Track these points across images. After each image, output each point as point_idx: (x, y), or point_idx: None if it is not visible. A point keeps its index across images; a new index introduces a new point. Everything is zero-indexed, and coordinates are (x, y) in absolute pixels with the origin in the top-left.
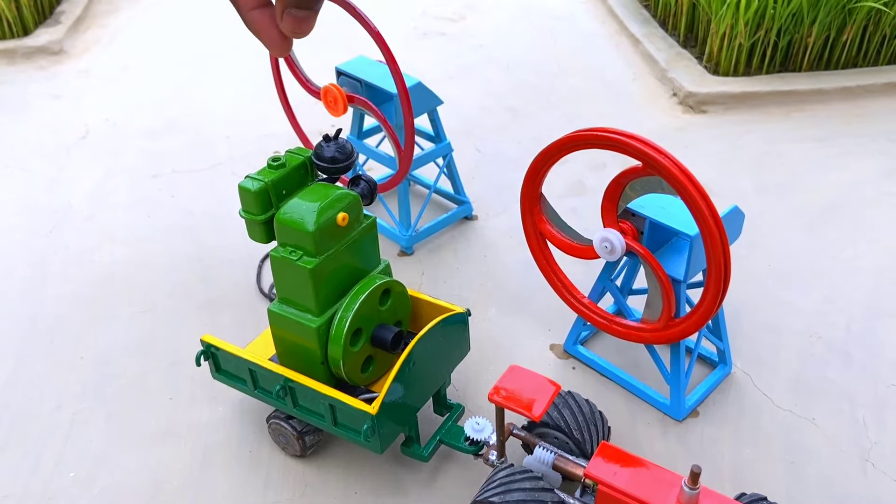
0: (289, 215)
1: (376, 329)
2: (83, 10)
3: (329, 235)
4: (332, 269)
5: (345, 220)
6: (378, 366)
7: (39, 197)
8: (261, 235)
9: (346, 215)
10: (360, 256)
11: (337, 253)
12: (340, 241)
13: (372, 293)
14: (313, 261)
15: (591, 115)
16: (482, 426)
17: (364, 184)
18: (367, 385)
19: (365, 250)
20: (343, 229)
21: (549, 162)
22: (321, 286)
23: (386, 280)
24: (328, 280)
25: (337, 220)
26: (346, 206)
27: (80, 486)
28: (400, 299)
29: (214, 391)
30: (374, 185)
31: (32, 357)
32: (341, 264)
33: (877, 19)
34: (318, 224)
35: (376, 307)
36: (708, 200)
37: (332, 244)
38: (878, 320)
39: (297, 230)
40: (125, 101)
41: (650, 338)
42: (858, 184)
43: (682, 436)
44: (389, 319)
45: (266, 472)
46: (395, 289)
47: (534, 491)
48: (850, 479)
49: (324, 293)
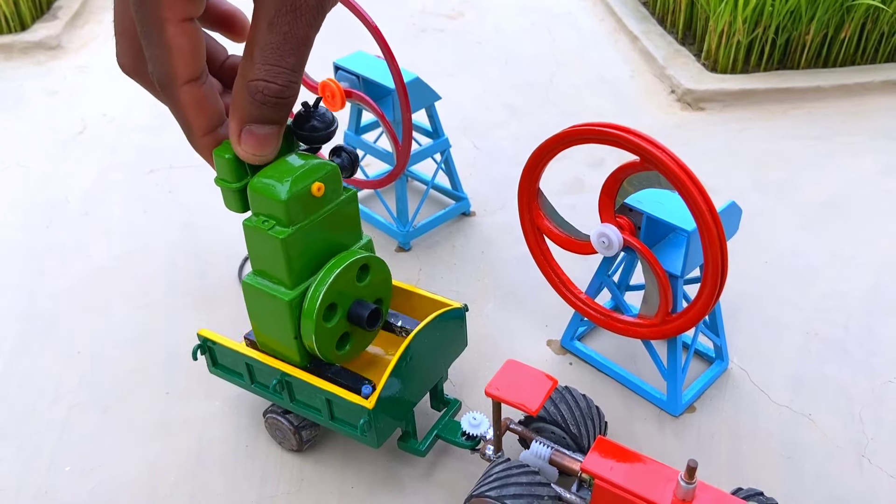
0: (262, 183)
1: (353, 305)
2: (81, 5)
3: (303, 205)
4: (306, 240)
5: (320, 191)
6: (355, 344)
7: (36, 192)
8: (236, 204)
9: (322, 185)
10: (339, 230)
11: (312, 224)
12: (316, 213)
13: (348, 267)
14: (286, 231)
15: (589, 112)
16: (479, 421)
17: (345, 155)
18: (343, 364)
19: (344, 224)
20: (319, 200)
21: (546, 157)
22: (294, 258)
23: (364, 255)
24: (302, 252)
25: (312, 189)
26: (323, 176)
27: (76, 479)
28: (380, 277)
29: (211, 385)
30: (356, 157)
31: (29, 351)
32: (317, 237)
33: (875, 17)
34: (292, 192)
35: (353, 283)
36: (705, 195)
37: (307, 215)
38: (876, 317)
39: (269, 198)
40: (122, 96)
41: (647, 333)
42: (856, 181)
43: (678, 431)
44: (369, 297)
45: (263, 467)
46: (375, 265)
47: (530, 485)
48: (847, 474)
49: (297, 265)
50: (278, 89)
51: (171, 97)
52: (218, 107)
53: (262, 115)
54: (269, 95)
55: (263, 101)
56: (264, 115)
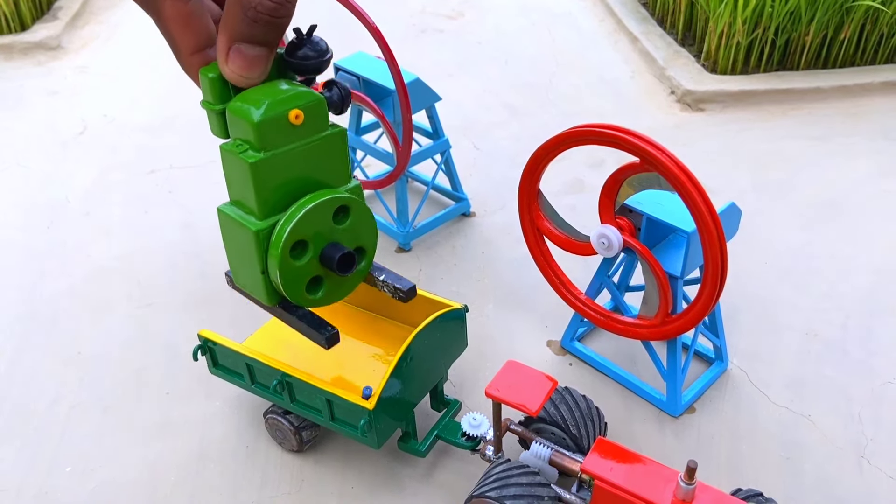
0: (238, 105)
1: (326, 247)
2: (81, 5)
3: (278, 132)
4: (281, 170)
5: (298, 119)
6: (329, 290)
7: (36, 193)
8: (219, 129)
9: (301, 113)
10: (322, 168)
11: (289, 155)
12: (294, 143)
13: (322, 205)
14: (257, 156)
15: (588, 113)
16: (479, 422)
17: (336, 90)
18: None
19: (328, 162)
20: (298, 129)
21: (546, 158)
22: (264, 186)
23: (343, 196)
24: (276, 183)
25: (289, 116)
26: (304, 104)
27: (77, 480)
28: (363, 222)
29: (211, 386)
30: (348, 94)
31: (30, 352)
32: (295, 170)
33: (874, 18)
34: (266, 116)
35: (329, 223)
36: (705, 197)
37: (283, 143)
38: (875, 317)
39: (243, 120)
40: (123, 96)
41: (647, 334)
42: (856, 182)
43: (678, 432)
44: (349, 242)
45: (263, 467)
46: (357, 209)
47: (530, 486)
48: (846, 475)
49: (268, 195)
50: (273, 7)
51: (156, 11)
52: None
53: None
54: (261, 13)
55: (255, 17)
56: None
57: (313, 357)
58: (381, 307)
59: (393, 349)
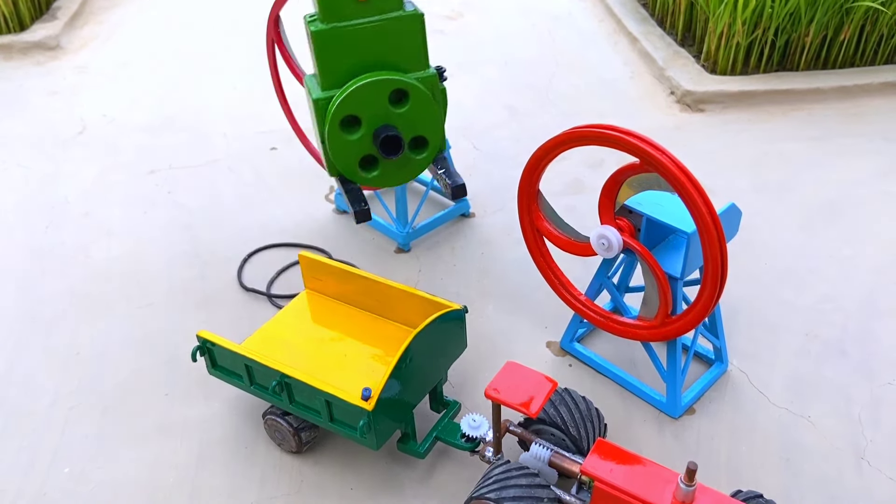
0: None
1: (380, 127)
2: (80, 5)
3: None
4: (344, 46)
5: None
6: (384, 172)
7: (36, 193)
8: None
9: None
10: (390, 50)
11: (353, 31)
12: (359, 19)
13: (375, 84)
14: (320, 26)
15: (588, 113)
16: (479, 423)
17: None
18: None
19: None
20: (363, 6)
21: (546, 159)
22: (326, 57)
23: (399, 78)
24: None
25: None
26: None
27: (75, 481)
28: (424, 112)
29: (210, 387)
30: None
31: (28, 352)
32: (361, 46)
33: (874, 19)
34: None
35: (385, 105)
36: (705, 197)
37: (347, 17)
38: (875, 319)
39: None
40: (122, 97)
41: (647, 335)
42: (855, 183)
43: (678, 433)
44: (406, 129)
45: (262, 469)
46: (417, 96)
47: (530, 487)
48: (846, 476)
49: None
50: None
51: None
52: None
53: None
54: None
55: None
56: None
57: (312, 358)
58: (380, 308)
59: (392, 350)
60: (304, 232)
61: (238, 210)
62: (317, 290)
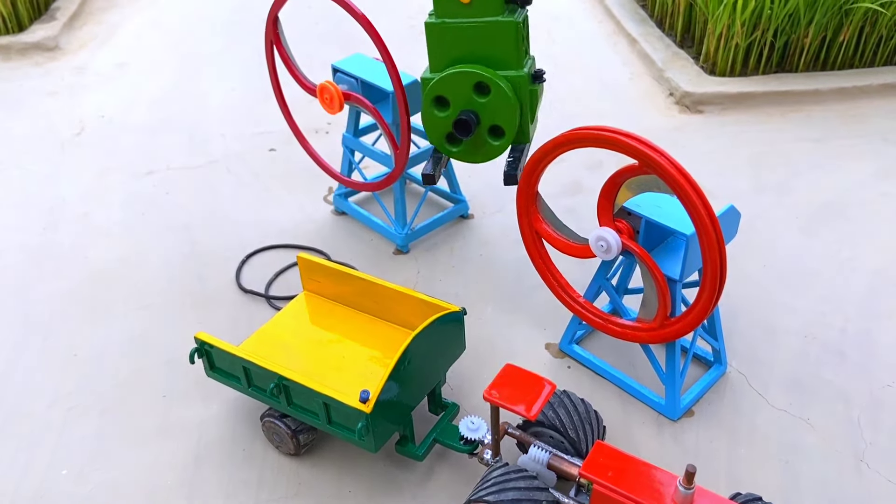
0: None
1: (463, 111)
2: (78, 6)
3: (450, 5)
4: (448, 39)
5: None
6: (465, 149)
7: (34, 193)
8: None
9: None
10: (488, 48)
11: (457, 27)
12: (463, 18)
13: (461, 74)
14: (432, 20)
15: (587, 115)
16: (477, 425)
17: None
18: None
19: (493, 44)
20: (467, 8)
21: (545, 160)
22: (434, 46)
23: (481, 73)
24: (444, 47)
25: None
26: None
27: (73, 483)
28: (503, 105)
29: (208, 389)
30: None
31: (26, 354)
32: (461, 42)
33: (873, 20)
34: None
35: (470, 93)
36: (704, 199)
37: (454, 15)
38: (873, 321)
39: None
40: (120, 97)
41: (646, 337)
42: (854, 184)
43: (677, 435)
44: (486, 116)
45: (260, 471)
46: (497, 91)
47: (528, 490)
48: (845, 479)
49: (438, 54)
50: None
51: None
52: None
53: None
54: None
55: None
56: None
57: (310, 360)
58: (378, 310)
59: (391, 352)
60: (302, 233)
61: (236, 211)
62: (315, 292)
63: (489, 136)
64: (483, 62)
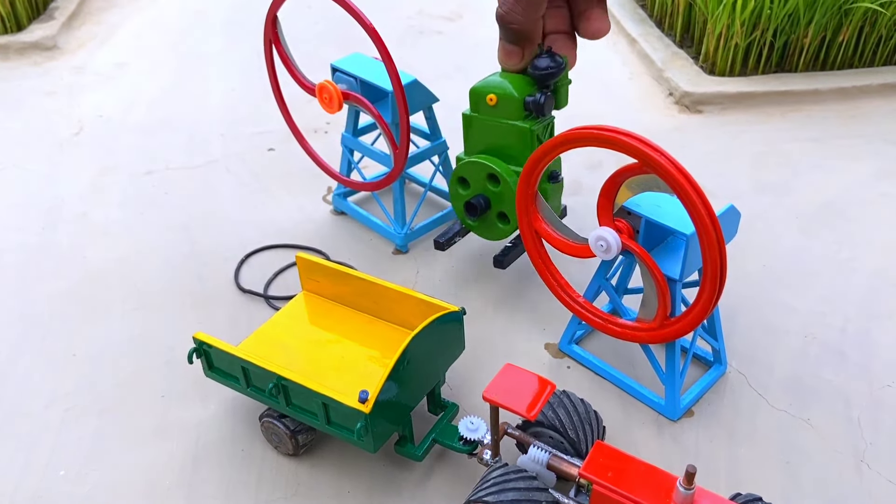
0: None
1: (477, 194)
2: (77, 6)
3: (480, 103)
4: (477, 130)
5: (492, 101)
6: (480, 225)
7: (33, 194)
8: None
9: (494, 98)
10: (508, 144)
11: (485, 122)
12: (488, 116)
13: (478, 164)
14: (467, 112)
15: (587, 115)
16: (476, 425)
17: (539, 95)
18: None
19: (512, 142)
20: (492, 108)
21: (545, 160)
22: (467, 134)
23: (493, 167)
24: (474, 137)
25: (486, 97)
26: (498, 93)
27: (71, 483)
28: (509, 195)
29: (207, 389)
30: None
31: (24, 354)
32: (487, 135)
33: (873, 20)
34: (474, 89)
35: (484, 181)
36: (704, 199)
37: (483, 112)
38: (873, 321)
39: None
40: (119, 97)
41: (645, 337)
42: (854, 184)
43: (677, 436)
44: (496, 203)
45: (258, 471)
46: (506, 184)
47: (528, 490)
48: (845, 479)
49: (469, 143)
50: (499, 14)
51: None
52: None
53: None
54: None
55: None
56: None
57: (309, 360)
58: (378, 310)
59: (390, 352)
60: (301, 233)
61: (235, 211)
62: (314, 292)
63: (498, 220)
64: (503, 155)
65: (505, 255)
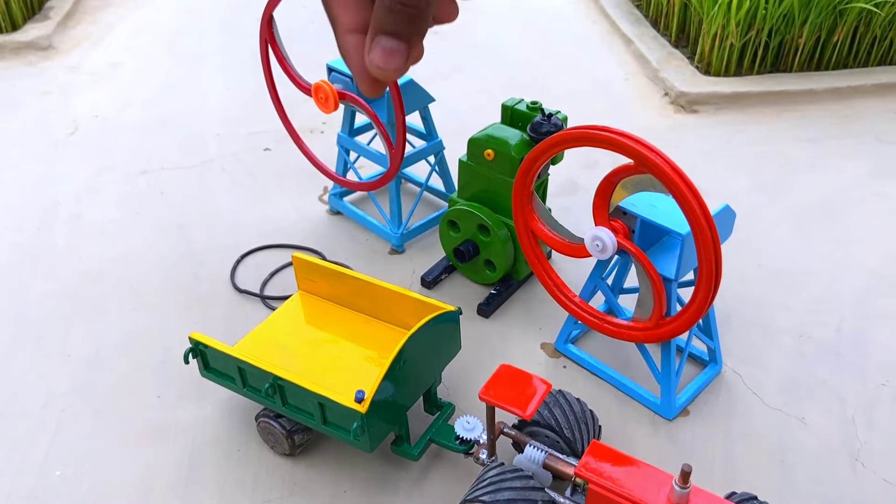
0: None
1: (467, 240)
2: (72, 5)
3: (477, 156)
4: (473, 177)
5: (489, 156)
6: (467, 268)
7: (28, 194)
8: None
9: (492, 153)
10: (499, 196)
11: (481, 172)
12: (485, 168)
13: (469, 213)
14: (464, 160)
15: (582, 115)
16: (473, 425)
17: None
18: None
19: (503, 194)
20: (489, 163)
21: (541, 159)
22: (462, 180)
23: (483, 218)
24: (469, 182)
25: (485, 151)
26: (495, 149)
27: (67, 484)
28: (498, 246)
29: (203, 389)
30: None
31: (20, 354)
32: (482, 183)
33: (867, 20)
34: (471, 140)
35: (475, 229)
36: (699, 199)
37: (479, 164)
38: (868, 320)
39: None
40: (115, 97)
41: (641, 336)
42: (849, 184)
43: (672, 435)
44: (484, 250)
45: (255, 471)
46: (495, 235)
47: (524, 490)
48: (840, 478)
49: (464, 186)
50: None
51: None
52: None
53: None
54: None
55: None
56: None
57: (305, 360)
58: (374, 310)
59: (386, 352)
60: (297, 233)
61: (231, 211)
62: (310, 292)
63: (485, 266)
64: (495, 204)
65: (489, 304)
